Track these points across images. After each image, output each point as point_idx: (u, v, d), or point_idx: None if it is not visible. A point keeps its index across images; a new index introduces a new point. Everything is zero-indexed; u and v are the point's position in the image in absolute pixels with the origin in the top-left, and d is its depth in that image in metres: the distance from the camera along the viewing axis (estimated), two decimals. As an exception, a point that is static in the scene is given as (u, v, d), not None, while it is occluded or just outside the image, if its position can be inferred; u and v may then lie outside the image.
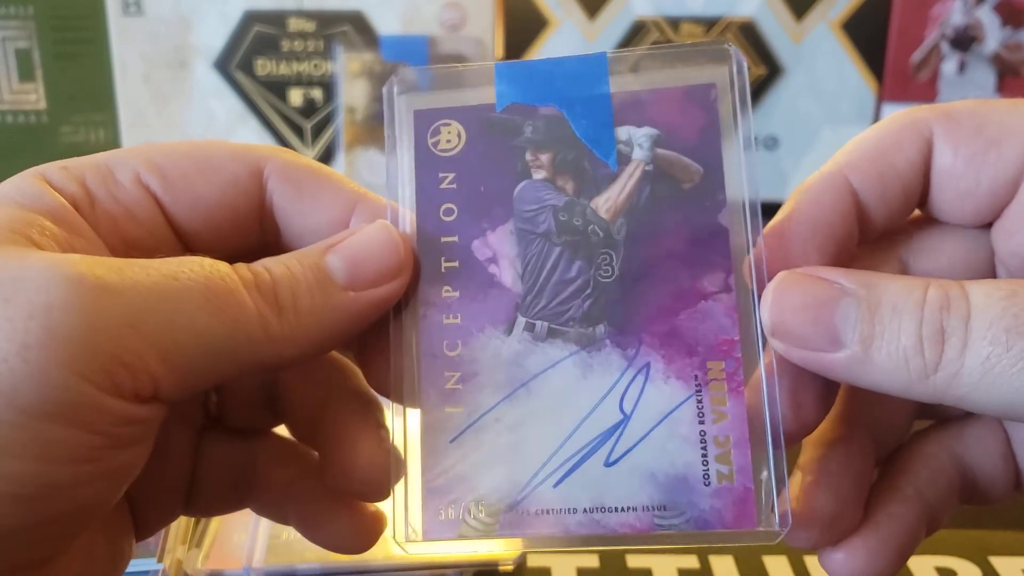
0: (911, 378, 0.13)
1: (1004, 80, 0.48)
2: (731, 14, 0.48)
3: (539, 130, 0.16)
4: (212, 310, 0.13)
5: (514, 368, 0.15)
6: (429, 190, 0.16)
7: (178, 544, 0.22)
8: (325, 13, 0.48)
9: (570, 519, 0.14)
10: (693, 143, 0.15)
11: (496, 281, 0.15)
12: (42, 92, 0.49)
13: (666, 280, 0.15)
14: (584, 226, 0.15)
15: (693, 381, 0.15)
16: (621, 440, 0.14)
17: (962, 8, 0.47)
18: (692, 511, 0.14)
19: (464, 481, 0.15)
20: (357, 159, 0.48)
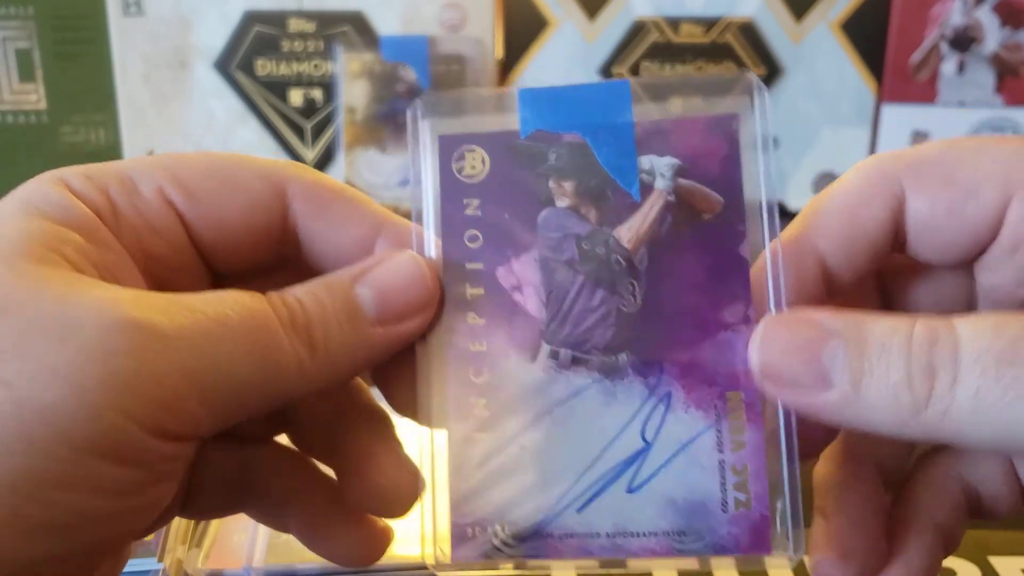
0: (902, 415, 0.13)
1: (1003, 80, 0.48)
2: (731, 14, 0.48)
3: (563, 157, 0.16)
4: (256, 355, 0.13)
5: (539, 395, 0.15)
6: (454, 216, 0.16)
7: (178, 544, 0.22)
8: (325, 13, 0.48)
9: (593, 543, 0.15)
10: (714, 174, 0.15)
11: (520, 309, 0.15)
12: (42, 92, 0.49)
13: (687, 311, 0.15)
14: (607, 255, 0.15)
15: (713, 411, 0.15)
16: (643, 467, 0.15)
17: (961, 8, 0.47)
18: (711, 536, 0.15)
19: (491, 505, 0.15)
20: (357, 159, 0.48)
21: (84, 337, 0.12)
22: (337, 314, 0.14)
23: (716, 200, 0.15)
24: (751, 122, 0.15)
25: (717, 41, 0.48)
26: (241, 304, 0.13)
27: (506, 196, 0.16)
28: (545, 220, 0.16)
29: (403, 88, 0.48)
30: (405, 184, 0.48)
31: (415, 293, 0.14)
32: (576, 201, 0.16)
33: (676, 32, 0.48)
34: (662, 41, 0.48)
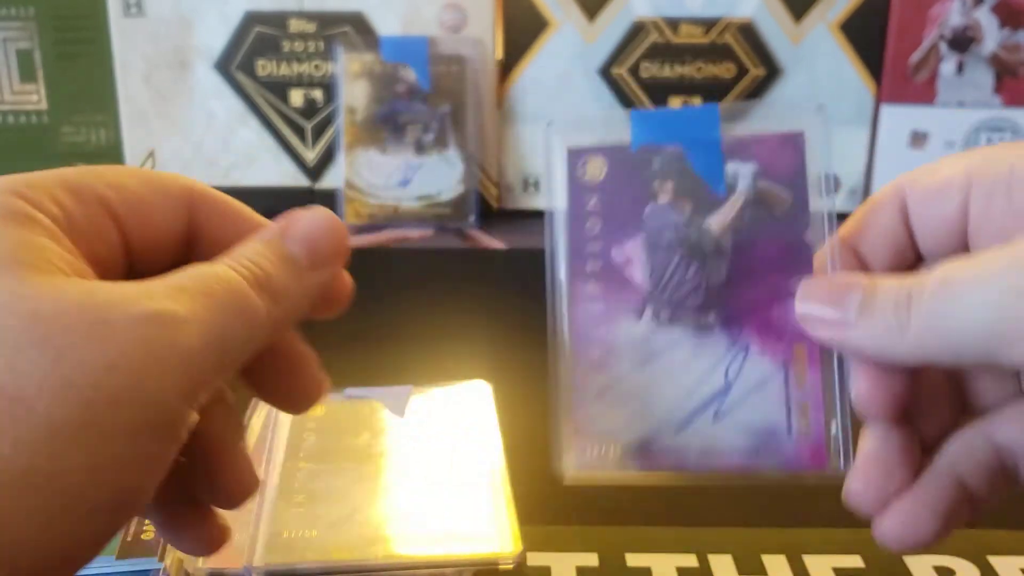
0: (894, 337, 0.17)
1: (1002, 81, 0.48)
2: (730, 15, 0.48)
3: (664, 164, 0.20)
4: (241, 317, 0.15)
5: (643, 345, 0.20)
6: (578, 210, 0.21)
7: (179, 543, 0.22)
8: (326, 14, 0.48)
9: (686, 459, 0.20)
10: (785, 177, 0.20)
11: (629, 280, 0.20)
12: (43, 92, 0.49)
13: (762, 282, 0.20)
14: (699, 239, 0.20)
15: (781, 358, 0.19)
16: (725, 402, 0.19)
17: (960, 9, 0.47)
18: (778, 456, 0.19)
19: (605, 428, 0.20)
20: (357, 159, 0.48)
21: (121, 334, 0.13)
22: (281, 266, 0.16)
23: (786, 198, 0.20)
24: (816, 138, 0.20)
25: (716, 42, 0.48)
26: (215, 276, 0.15)
27: (619, 194, 0.20)
28: (650, 213, 0.20)
29: (403, 89, 0.48)
30: (405, 184, 0.48)
31: (336, 239, 0.17)
32: (674, 197, 0.20)
33: (676, 33, 0.48)
34: (661, 42, 0.48)
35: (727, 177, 0.20)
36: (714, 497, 0.25)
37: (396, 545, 0.22)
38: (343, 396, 0.29)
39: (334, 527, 0.22)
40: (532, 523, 0.23)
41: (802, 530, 0.23)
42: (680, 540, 0.23)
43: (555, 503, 0.24)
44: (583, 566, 0.22)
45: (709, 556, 0.22)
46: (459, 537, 0.22)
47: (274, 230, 0.17)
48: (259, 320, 0.15)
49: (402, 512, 0.23)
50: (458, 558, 0.21)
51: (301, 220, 0.17)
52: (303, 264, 0.17)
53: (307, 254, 0.17)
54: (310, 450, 0.25)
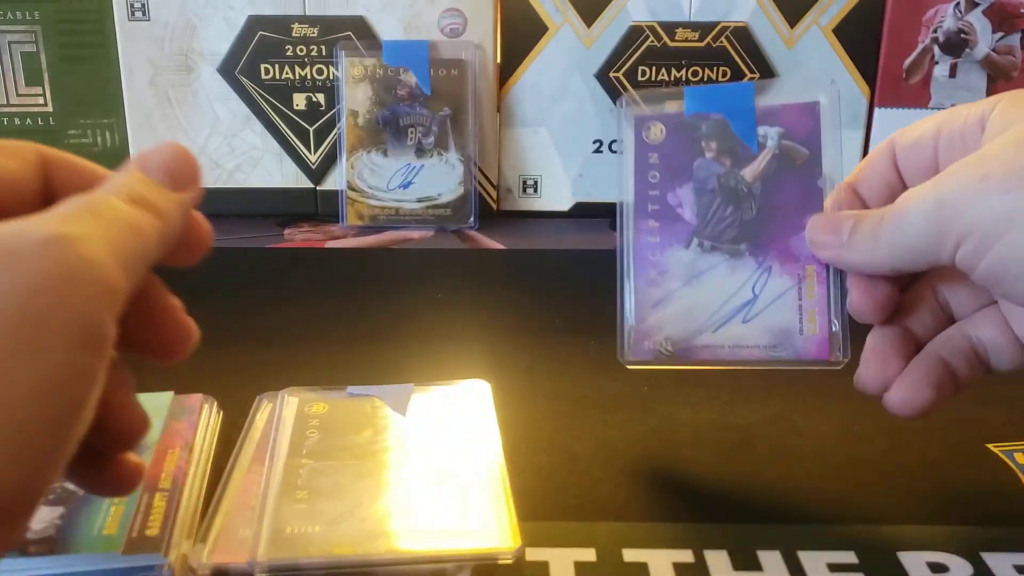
0: (872, 250, 0.23)
1: (996, 84, 0.49)
2: (725, 19, 0.48)
3: (710, 128, 0.27)
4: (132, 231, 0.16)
5: (690, 268, 0.26)
6: (642, 164, 0.27)
7: (183, 539, 0.22)
8: (328, 19, 0.48)
9: (720, 352, 0.26)
10: (804, 137, 0.26)
11: (681, 218, 0.26)
12: (49, 96, 0.49)
13: (784, 218, 0.26)
14: (736, 186, 0.26)
15: (797, 277, 0.26)
16: (752, 309, 0.26)
17: (954, 12, 0.48)
18: (792, 349, 0.26)
19: (659, 328, 0.26)
20: (359, 161, 0.49)
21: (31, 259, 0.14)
22: (148, 188, 0.18)
23: (804, 153, 0.26)
24: (829, 107, 0.26)
25: (712, 45, 0.49)
26: (96, 200, 0.16)
27: (674, 151, 0.26)
28: (698, 165, 0.27)
29: (404, 92, 0.48)
30: (405, 186, 0.49)
31: (187, 160, 0.19)
32: (717, 154, 0.27)
33: (672, 37, 0.49)
34: (658, 46, 0.49)
35: (759, 137, 0.26)
36: (711, 495, 0.25)
37: (397, 540, 0.22)
38: (345, 394, 0.29)
39: (336, 523, 0.22)
40: (531, 519, 0.23)
41: (797, 526, 0.24)
42: (676, 536, 0.23)
43: (553, 499, 0.25)
44: (581, 561, 0.22)
45: (705, 552, 0.23)
46: (459, 533, 0.22)
47: (130, 165, 0.18)
48: (147, 231, 0.17)
49: (403, 508, 0.23)
50: (458, 553, 0.21)
51: (152, 152, 0.19)
52: (166, 185, 0.18)
53: (167, 177, 0.18)
54: (312, 447, 0.26)
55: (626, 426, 0.29)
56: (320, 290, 0.41)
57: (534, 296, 0.40)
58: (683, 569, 0.22)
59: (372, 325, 0.37)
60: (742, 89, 0.27)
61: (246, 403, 0.28)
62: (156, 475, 0.24)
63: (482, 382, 0.29)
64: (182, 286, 0.17)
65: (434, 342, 0.35)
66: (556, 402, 0.30)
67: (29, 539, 0.21)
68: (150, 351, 0.19)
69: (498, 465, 0.25)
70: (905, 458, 0.27)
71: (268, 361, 0.33)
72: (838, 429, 0.29)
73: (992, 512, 0.24)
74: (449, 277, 0.42)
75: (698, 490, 0.25)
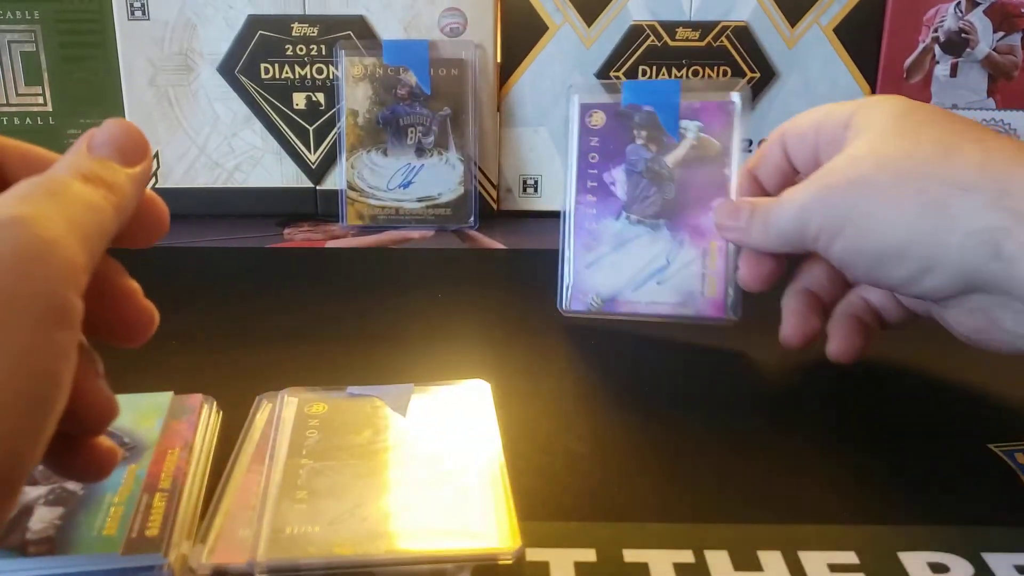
0: (762, 236, 0.29)
1: (996, 83, 0.49)
2: (726, 19, 0.48)
3: (642, 118, 0.33)
4: (88, 207, 0.17)
5: (618, 236, 0.33)
6: (584, 146, 0.33)
7: (183, 539, 0.22)
8: (328, 18, 0.48)
9: (638, 306, 0.33)
10: (718, 131, 0.32)
11: (613, 194, 0.33)
12: (48, 95, 0.49)
13: (696, 200, 0.33)
14: (660, 170, 0.33)
15: (702, 250, 0.33)
16: (665, 273, 0.33)
17: (954, 12, 0.48)
18: (695, 308, 0.33)
19: (592, 286, 0.34)
20: (359, 161, 0.49)
21: (23, 237, 0.15)
22: (99, 165, 0.18)
23: (717, 146, 0.32)
24: (740, 106, 0.32)
25: (712, 45, 0.49)
26: (50, 180, 0.17)
27: (611, 136, 0.33)
28: (630, 150, 0.33)
29: (404, 92, 0.48)
30: (405, 186, 0.49)
31: (135, 136, 0.19)
32: (647, 141, 0.33)
33: (672, 36, 0.49)
34: (658, 45, 0.49)
35: (680, 129, 0.32)
36: (710, 494, 0.25)
37: (397, 541, 0.22)
38: (345, 394, 0.29)
39: (336, 523, 0.22)
40: (531, 519, 0.23)
41: (797, 526, 0.24)
42: (676, 536, 0.23)
43: (554, 500, 0.25)
44: (581, 561, 0.22)
45: (705, 552, 0.23)
46: (459, 533, 0.22)
47: (78, 145, 0.19)
48: (102, 207, 0.17)
49: (403, 508, 0.23)
50: (458, 553, 0.21)
51: (99, 131, 0.19)
52: (117, 161, 0.18)
53: (117, 154, 0.18)
54: (312, 447, 0.26)
55: (626, 426, 0.29)
56: (320, 290, 0.41)
57: (534, 296, 0.40)
58: (683, 569, 0.22)
59: (372, 325, 0.37)
60: (670, 86, 0.33)
61: (246, 403, 0.28)
62: (156, 475, 0.24)
63: (482, 382, 0.29)
64: (182, 286, 0.17)
65: (434, 342, 0.35)
66: (556, 402, 0.30)
67: (28, 539, 0.21)
68: (111, 334, 0.19)
69: (498, 465, 0.25)
70: (905, 458, 0.27)
71: (268, 361, 0.33)
72: (838, 429, 0.29)
73: (992, 512, 0.24)
74: (449, 277, 0.42)
75: (698, 490, 0.25)
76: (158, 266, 0.43)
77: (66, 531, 0.22)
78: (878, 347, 0.32)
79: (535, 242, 0.47)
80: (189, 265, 0.44)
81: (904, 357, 0.33)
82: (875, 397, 0.31)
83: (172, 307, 0.37)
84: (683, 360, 0.33)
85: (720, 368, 0.32)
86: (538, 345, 0.34)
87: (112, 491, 0.23)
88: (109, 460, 0.20)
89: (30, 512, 0.22)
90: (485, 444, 0.26)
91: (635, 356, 0.33)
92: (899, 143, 0.25)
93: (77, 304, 0.15)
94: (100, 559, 0.21)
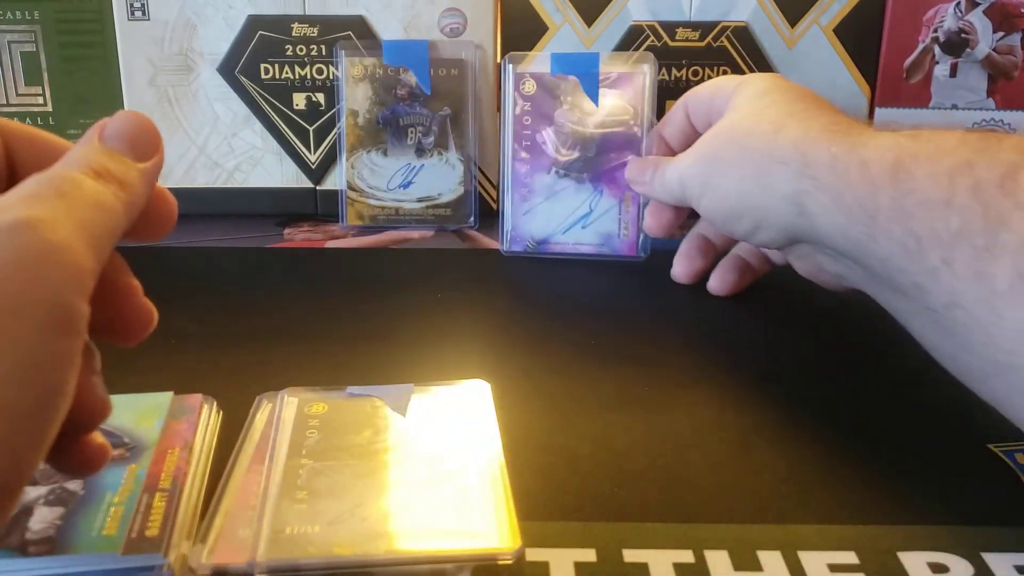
0: (661, 191, 0.36)
1: (996, 84, 0.49)
2: (725, 19, 0.48)
3: (567, 86, 0.40)
4: (97, 207, 0.16)
5: (549, 188, 0.41)
6: (518, 110, 0.40)
7: (183, 539, 0.22)
8: (328, 19, 0.48)
9: (567, 247, 0.42)
10: (632, 98, 0.40)
11: (545, 151, 0.41)
12: (48, 95, 0.49)
13: (613, 157, 0.40)
14: (584, 131, 0.40)
15: (618, 199, 0.41)
16: (588, 219, 0.41)
17: (954, 12, 0.48)
18: (613, 248, 0.42)
19: (528, 231, 0.42)
20: (359, 161, 0.49)
21: (2, 246, 0.14)
22: (110, 159, 0.17)
23: (631, 110, 0.40)
24: (650, 76, 0.40)
25: (712, 45, 0.49)
26: (59, 177, 0.16)
27: (541, 101, 0.40)
28: (557, 114, 0.40)
29: (404, 92, 0.48)
30: (405, 186, 0.49)
31: (147, 128, 0.19)
32: (572, 105, 0.40)
33: (672, 37, 0.49)
34: (658, 45, 0.49)
35: (600, 96, 0.40)
36: (710, 494, 0.25)
37: (397, 541, 0.22)
38: (345, 394, 0.29)
39: (336, 523, 0.22)
40: (531, 519, 0.23)
41: (797, 526, 0.24)
42: (676, 536, 0.23)
43: (553, 499, 0.25)
44: (581, 561, 0.22)
45: (705, 552, 0.23)
46: (459, 533, 0.22)
47: (89, 135, 0.18)
48: (112, 205, 0.17)
49: (403, 508, 0.23)
50: (458, 553, 0.21)
51: (111, 122, 0.18)
52: (128, 155, 0.18)
53: (128, 147, 0.18)
54: (312, 447, 0.26)
55: (626, 426, 0.29)
56: (320, 290, 0.41)
57: (534, 296, 0.40)
58: (683, 569, 0.22)
59: (372, 325, 0.37)
60: (591, 58, 0.40)
61: (246, 403, 0.28)
62: (156, 475, 0.24)
63: (482, 382, 0.29)
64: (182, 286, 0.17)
65: (434, 342, 0.35)
66: (556, 402, 0.30)
67: (29, 539, 0.21)
68: (109, 332, 0.19)
69: (498, 465, 0.25)
70: (905, 458, 0.27)
71: (268, 361, 0.33)
72: (838, 429, 0.29)
73: (992, 512, 0.24)
74: (449, 277, 0.42)
75: (698, 490, 0.25)
76: (158, 266, 0.43)
77: (66, 531, 0.22)
78: (875, 344, 0.32)
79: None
80: (189, 265, 0.44)
81: (904, 357, 0.33)
82: (875, 396, 0.31)
83: (172, 307, 0.37)
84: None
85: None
86: (539, 345, 0.34)
87: (112, 491, 0.23)
88: (100, 456, 0.20)
89: (30, 512, 0.22)
90: (485, 444, 0.26)
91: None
92: (750, 121, 0.31)
93: (84, 310, 0.15)
94: (100, 559, 0.21)
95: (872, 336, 0.35)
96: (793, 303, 0.39)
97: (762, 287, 0.39)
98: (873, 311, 0.30)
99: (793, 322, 0.37)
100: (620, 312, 0.38)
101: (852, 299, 0.32)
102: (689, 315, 0.37)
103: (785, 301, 0.39)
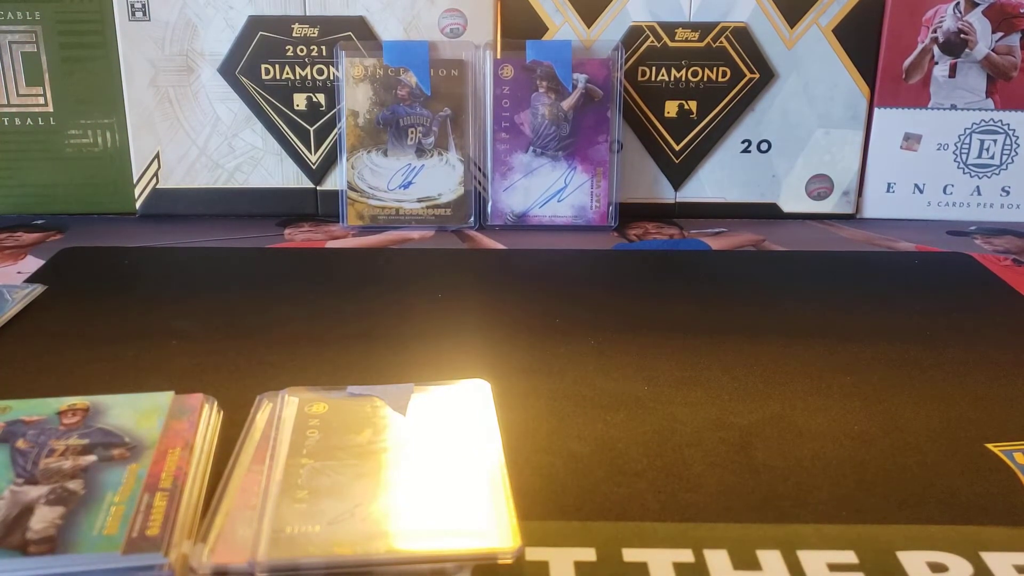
0: None
1: (995, 84, 0.49)
2: (725, 19, 0.49)
3: (543, 71, 0.46)
4: None
5: (527, 165, 0.48)
6: (498, 93, 0.46)
7: (184, 539, 0.22)
8: (329, 19, 0.48)
9: (544, 219, 0.48)
10: (601, 82, 0.47)
11: (523, 132, 0.47)
12: (49, 96, 0.49)
13: (587, 136, 0.47)
14: (558, 112, 0.47)
15: (591, 174, 0.48)
16: (563, 192, 0.48)
17: (953, 13, 0.48)
18: (586, 218, 0.48)
19: (508, 205, 0.48)
20: (359, 161, 0.49)
21: None
22: None
23: (600, 93, 0.46)
24: (618, 62, 0.46)
25: (712, 45, 0.49)
26: None
27: (519, 86, 0.46)
28: (534, 97, 0.46)
29: (404, 92, 0.48)
30: (406, 186, 0.49)
31: None
32: (547, 90, 0.46)
33: (672, 37, 0.49)
34: (658, 46, 0.49)
35: (573, 80, 0.45)
36: (710, 493, 0.25)
37: (397, 540, 0.22)
38: (345, 394, 0.29)
39: (336, 523, 0.22)
40: (531, 519, 0.23)
41: (796, 526, 0.24)
42: (676, 535, 0.23)
43: (553, 499, 0.25)
44: (581, 561, 0.22)
45: (704, 551, 0.23)
46: (459, 532, 0.22)
47: None
48: None
49: (403, 508, 0.23)
50: (458, 553, 0.21)
51: None
52: None
53: None
54: (313, 447, 0.26)
55: (626, 426, 0.29)
56: (320, 290, 0.41)
57: (534, 296, 0.40)
58: (683, 569, 0.22)
59: (372, 325, 0.37)
60: (564, 45, 0.45)
61: (247, 403, 0.28)
62: (157, 475, 0.24)
63: (482, 382, 0.29)
64: (183, 286, 0.17)
65: (434, 342, 0.35)
66: (556, 402, 0.30)
67: (29, 539, 0.21)
68: None
69: (498, 465, 0.25)
70: (905, 458, 0.27)
71: (268, 361, 0.33)
72: (838, 429, 0.29)
73: (992, 512, 0.24)
74: (449, 277, 0.42)
75: (698, 490, 0.25)
76: (159, 266, 0.43)
77: (67, 531, 0.22)
78: (874, 344, 0.32)
79: (535, 242, 0.47)
80: (189, 265, 0.44)
81: (904, 357, 0.33)
82: (875, 396, 0.31)
83: (172, 307, 0.37)
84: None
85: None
86: (539, 345, 0.34)
87: (113, 490, 0.23)
88: None
89: (31, 512, 0.22)
90: (485, 444, 0.26)
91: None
92: None
93: None
94: (101, 558, 0.21)
95: (872, 336, 0.35)
96: (796, 307, 0.39)
97: (766, 292, 0.39)
98: (874, 311, 0.30)
99: (794, 323, 0.37)
100: (621, 312, 0.38)
101: (853, 300, 0.32)
102: (689, 315, 0.38)
103: (788, 304, 0.39)
